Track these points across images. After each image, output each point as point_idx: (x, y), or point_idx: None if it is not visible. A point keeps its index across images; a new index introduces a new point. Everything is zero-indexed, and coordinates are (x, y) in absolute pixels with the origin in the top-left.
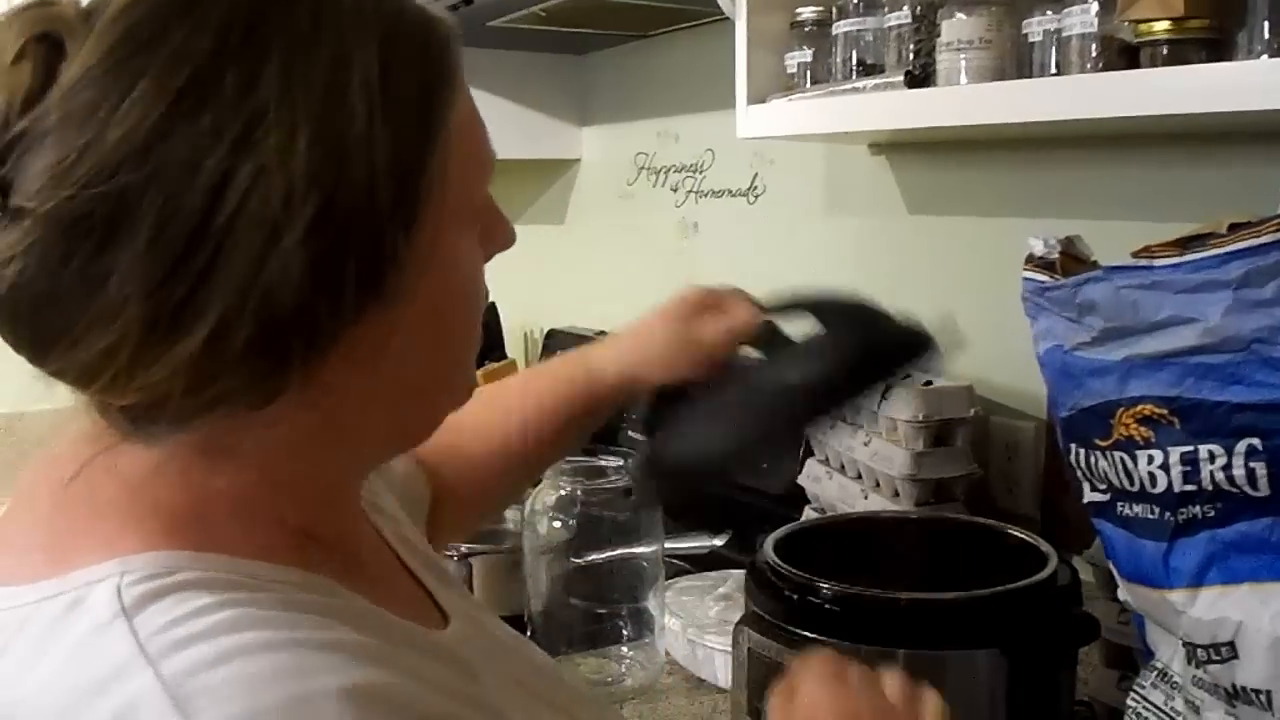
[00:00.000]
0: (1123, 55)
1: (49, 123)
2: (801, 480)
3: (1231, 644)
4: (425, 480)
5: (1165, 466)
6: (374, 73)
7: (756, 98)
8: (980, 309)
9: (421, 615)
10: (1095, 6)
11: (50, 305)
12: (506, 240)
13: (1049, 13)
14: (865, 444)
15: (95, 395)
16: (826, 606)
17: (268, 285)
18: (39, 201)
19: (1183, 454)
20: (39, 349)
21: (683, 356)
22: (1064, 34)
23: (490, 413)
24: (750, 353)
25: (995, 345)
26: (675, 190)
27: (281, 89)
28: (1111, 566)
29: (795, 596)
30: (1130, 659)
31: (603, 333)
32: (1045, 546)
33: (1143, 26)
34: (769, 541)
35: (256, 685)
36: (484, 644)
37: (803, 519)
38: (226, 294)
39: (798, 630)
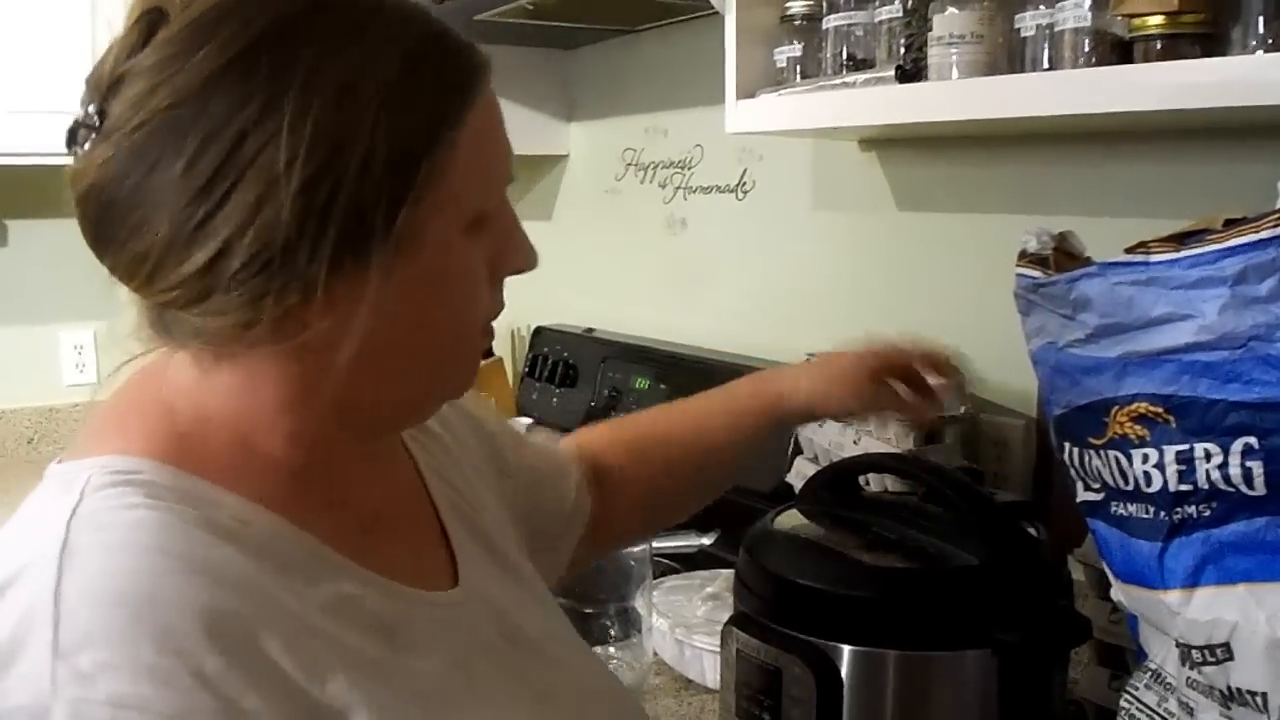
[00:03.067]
0: (1116, 50)
1: (141, 65)
2: (790, 478)
3: (1227, 645)
4: (579, 486)
5: (1160, 465)
6: (391, 81)
7: (746, 93)
8: (970, 306)
9: (418, 571)
10: (1088, 1)
11: (111, 210)
12: (520, 263)
13: (1042, 7)
14: (855, 442)
15: (133, 291)
16: (815, 607)
17: (263, 223)
18: (121, 123)
19: (1178, 453)
20: (100, 245)
21: (859, 405)
22: (1057, 28)
23: (686, 430)
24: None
25: (986, 342)
26: (663, 186)
27: (306, 76)
28: (1105, 566)
29: (783, 597)
30: (1121, 658)
31: (590, 330)
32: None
33: (1137, 21)
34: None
35: (122, 569)
36: (471, 623)
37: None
38: (230, 224)
39: (786, 630)
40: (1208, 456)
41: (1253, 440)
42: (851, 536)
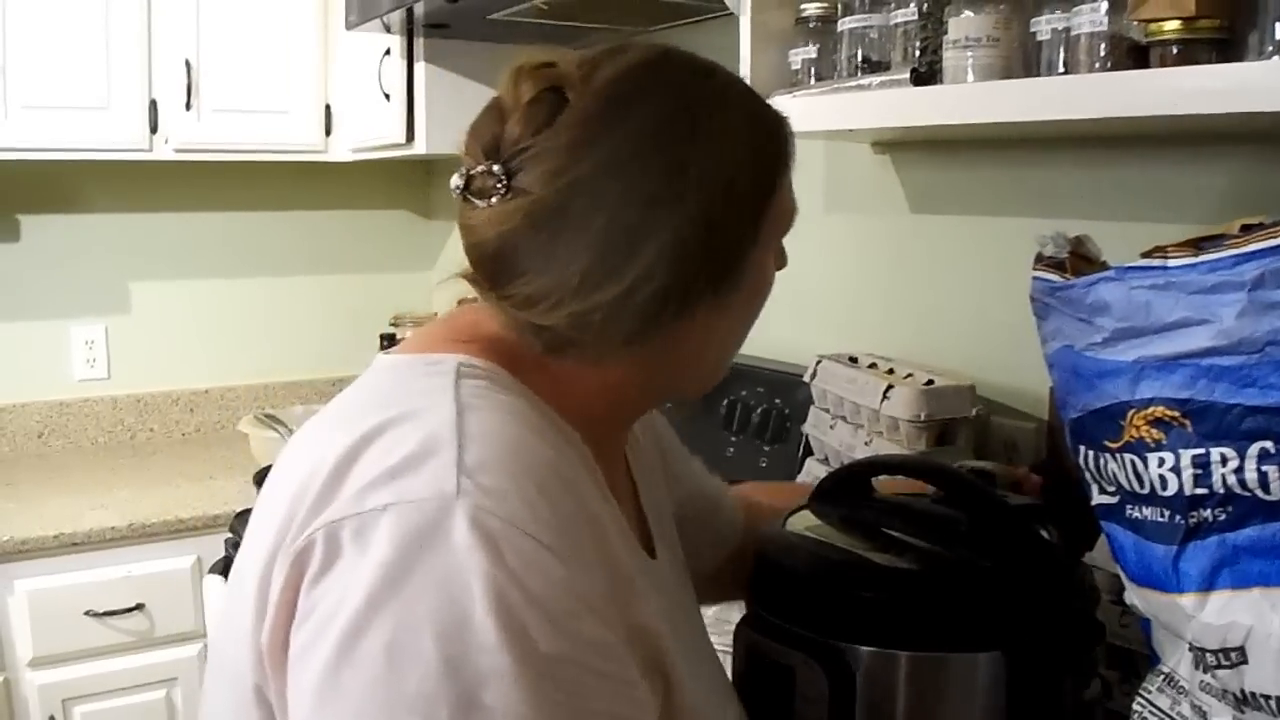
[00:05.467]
0: (1132, 55)
1: (554, 143)
2: (801, 479)
3: (1241, 649)
4: (731, 509)
5: (1176, 469)
6: (750, 160)
7: (760, 94)
8: (982, 309)
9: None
10: (1105, 5)
11: (518, 253)
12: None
13: (1058, 11)
14: (866, 443)
15: (531, 317)
16: (829, 607)
17: (665, 269)
18: (535, 188)
19: (1194, 457)
20: (502, 279)
21: None
22: (1073, 33)
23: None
24: None
25: (997, 346)
26: None
27: (699, 160)
28: (1119, 569)
29: (796, 596)
30: (1130, 661)
31: None
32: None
33: (1153, 26)
34: (770, 538)
35: (505, 429)
36: (670, 590)
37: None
38: (641, 266)
39: (798, 630)
40: (1224, 461)
41: (1269, 445)
42: (864, 538)
